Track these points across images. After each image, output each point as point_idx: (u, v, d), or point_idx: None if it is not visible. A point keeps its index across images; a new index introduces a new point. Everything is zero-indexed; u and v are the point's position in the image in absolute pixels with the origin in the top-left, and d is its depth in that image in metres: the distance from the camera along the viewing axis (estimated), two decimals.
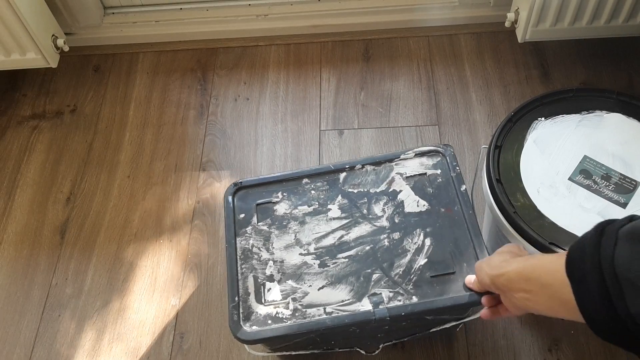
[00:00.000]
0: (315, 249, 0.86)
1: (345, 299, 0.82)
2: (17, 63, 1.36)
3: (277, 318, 0.81)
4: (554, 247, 0.86)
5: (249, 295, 0.84)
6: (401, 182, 0.91)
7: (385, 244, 0.85)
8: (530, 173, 0.93)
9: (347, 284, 0.83)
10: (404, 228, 0.87)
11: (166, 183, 1.31)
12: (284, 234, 0.88)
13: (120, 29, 1.52)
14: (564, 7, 1.20)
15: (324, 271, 0.84)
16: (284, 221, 0.90)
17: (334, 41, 1.49)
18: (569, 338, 1.05)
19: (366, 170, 0.93)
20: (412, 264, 0.83)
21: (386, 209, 0.89)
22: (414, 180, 0.91)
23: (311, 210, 0.90)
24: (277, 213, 0.90)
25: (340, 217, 0.89)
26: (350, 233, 0.87)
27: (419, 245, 0.85)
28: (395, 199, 0.90)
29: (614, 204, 0.89)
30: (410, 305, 0.80)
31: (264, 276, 0.85)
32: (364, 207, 0.89)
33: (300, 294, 0.83)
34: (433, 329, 0.96)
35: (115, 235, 1.25)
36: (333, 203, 0.90)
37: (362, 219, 0.88)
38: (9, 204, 1.31)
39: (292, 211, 0.90)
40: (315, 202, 0.91)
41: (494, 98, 1.36)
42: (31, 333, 1.14)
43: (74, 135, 1.40)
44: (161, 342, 1.11)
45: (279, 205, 0.91)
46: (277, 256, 0.87)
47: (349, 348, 1.01)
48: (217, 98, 1.43)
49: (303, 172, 0.94)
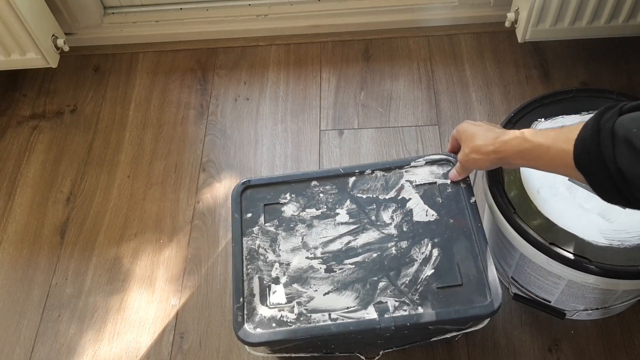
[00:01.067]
0: (322, 254, 0.86)
1: (350, 305, 0.81)
2: (17, 63, 1.36)
3: (282, 321, 0.81)
4: (554, 247, 0.86)
5: (254, 297, 0.83)
6: (411, 190, 0.90)
7: (393, 252, 0.85)
8: (530, 173, 0.93)
9: (353, 291, 0.82)
10: (412, 237, 0.86)
11: (166, 183, 1.31)
12: (291, 236, 0.88)
13: (120, 29, 1.52)
14: (564, 7, 1.19)
15: (330, 276, 0.84)
16: (291, 223, 0.89)
17: (334, 41, 1.49)
18: (569, 338, 1.05)
19: (376, 176, 0.92)
20: (419, 274, 0.83)
21: (395, 216, 0.88)
22: (423, 188, 0.90)
23: (319, 213, 0.89)
24: (285, 215, 0.90)
25: (348, 222, 0.88)
26: (357, 239, 0.87)
27: (427, 255, 0.84)
28: (404, 207, 0.89)
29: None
30: (416, 315, 0.80)
31: (269, 278, 0.85)
32: (372, 213, 0.89)
33: (305, 298, 0.82)
34: (434, 338, 0.96)
35: (115, 235, 1.25)
36: (341, 207, 0.90)
37: (370, 225, 0.88)
38: (9, 204, 1.31)
39: (300, 213, 0.90)
40: (323, 205, 0.90)
41: (494, 98, 1.36)
42: (31, 333, 1.14)
43: (74, 135, 1.40)
44: (161, 342, 1.11)
45: (286, 206, 0.91)
46: (283, 258, 0.86)
47: (349, 353, 1.01)
48: (217, 98, 1.43)
49: (312, 174, 0.93)
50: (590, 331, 1.06)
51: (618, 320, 1.06)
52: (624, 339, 1.05)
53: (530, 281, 0.99)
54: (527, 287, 1.02)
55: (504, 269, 1.04)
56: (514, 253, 0.96)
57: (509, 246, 0.95)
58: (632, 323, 1.06)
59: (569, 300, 0.98)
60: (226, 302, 1.14)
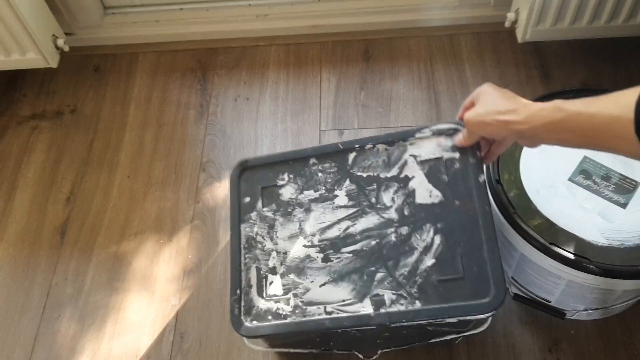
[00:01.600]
0: (320, 241, 0.83)
1: (346, 298, 0.79)
2: (17, 63, 1.36)
3: (277, 314, 0.80)
4: (554, 247, 0.86)
5: (251, 288, 0.82)
6: (414, 166, 0.82)
7: (392, 240, 0.80)
8: (530, 173, 0.93)
9: (350, 282, 0.79)
10: (414, 222, 0.80)
11: (166, 183, 1.31)
12: (289, 222, 0.85)
13: (120, 29, 1.52)
14: (564, 7, 1.20)
15: (327, 266, 0.81)
16: (289, 207, 0.85)
17: (334, 41, 1.49)
18: (569, 338, 1.05)
19: (377, 150, 0.84)
20: (418, 264, 0.78)
21: (396, 198, 0.82)
22: (428, 165, 0.81)
23: (317, 196, 0.85)
24: (283, 198, 0.86)
25: (347, 206, 0.83)
26: (356, 224, 0.82)
27: (428, 243, 0.78)
28: (407, 186, 0.81)
29: (614, 204, 0.89)
30: (412, 312, 0.76)
31: (266, 268, 0.83)
32: (373, 195, 0.83)
33: (301, 289, 0.81)
34: (433, 339, 0.95)
35: (115, 235, 1.25)
36: (340, 188, 0.84)
37: (369, 209, 0.82)
38: (9, 204, 1.31)
39: (298, 196, 0.85)
40: (322, 186, 0.85)
41: None
42: (31, 333, 1.14)
43: (74, 135, 1.40)
44: (161, 342, 1.11)
45: (284, 189, 0.87)
46: (280, 247, 0.83)
47: (347, 351, 1.01)
48: (217, 98, 1.43)
49: (311, 152, 0.87)
50: (590, 331, 1.06)
51: (618, 320, 1.06)
52: (624, 339, 1.05)
53: (530, 281, 0.99)
54: (527, 287, 1.02)
55: (504, 269, 1.04)
56: (514, 253, 0.96)
57: (509, 246, 0.95)
58: (632, 323, 1.06)
59: (569, 300, 0.98)
60: (226, 302, 1.14)
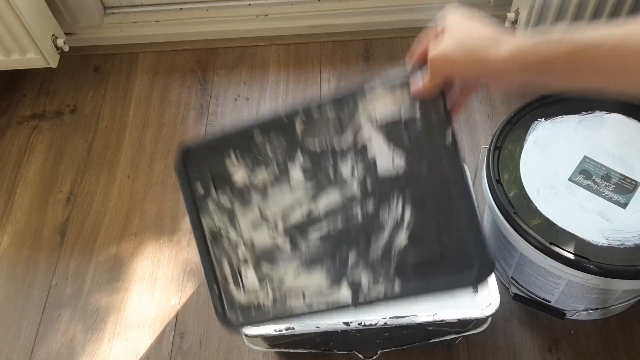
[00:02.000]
0: (285, 228, 0.75)
1: (322, 286, 0.72)
2: (17, 63, 1.36)
3: (259, 308, 0.76)
4: (554, 247, 0.86)
5: (229, 284, 0.78)
6: (370, 131, 0.69)
7: (359, 219, 0.70)
8: (530, 173, 0.93)
9: (323, 270, 0.72)
10: (379, 197, 0.69)
11: (166, 183, 1.31)
12: (248, 210, 0.77)
13: (120, 29, 1.52)
14: (564, 7, 1.20)
15: (297, 254, 0.74)
16: (244, 193, 0.77)
17: (334, 41, 1.49)
18: (569, 338, 1.05)
19: (326, 116, 0.72)
20: (391, 243, 0.68)
21: (356, 170, 0.70)
22: (386, 128, 0.68)
23: (271, 175, 0.75)
24: (235, 181, 0.78)
25: (305, 186, 0.73)
26: (318, 203, 0.73)
27: (398, 219, 0.68)
28: (366, 156, 0.70)
29: (614, 204, 0.89)
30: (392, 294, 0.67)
31: (237, 260, 0.78)
32: (330, 169, 0.72)
33: (276, 281, 0.76)
34: (433, 339, 0.95)
35: (115, 235, 1.25)
36: (293, 164, 0.74)
37: (328, 185, 0.72)
38: (9, 204, 1.31)
39: (251, 178, 0.76)
40: (273, 163, 0.75)
41: (494, 98, 1.36)
42: (31, 333, 1.14)
43: (74, 135, 1.40)
44: (161, 342, 1.11)
45: (234, 170, 0.77)
46: (246, 237, 0.78)
47: (347, 351, 1.01)
48: (217, 98, 1.43)
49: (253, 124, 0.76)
50: (590, 331, 1.06)
51: (618, 320, 1.06)
52: (624, 339, 1.05)
53: (530, 281, 0.99)
54: (527, 287, 1.02)
55: (504, 269, 1.04)
56: (514, 253, 0.96)
57: (509, 246, 0.95)
58: (632, 323, 1.06)
59: (569, 300, 0.98)
60: None
